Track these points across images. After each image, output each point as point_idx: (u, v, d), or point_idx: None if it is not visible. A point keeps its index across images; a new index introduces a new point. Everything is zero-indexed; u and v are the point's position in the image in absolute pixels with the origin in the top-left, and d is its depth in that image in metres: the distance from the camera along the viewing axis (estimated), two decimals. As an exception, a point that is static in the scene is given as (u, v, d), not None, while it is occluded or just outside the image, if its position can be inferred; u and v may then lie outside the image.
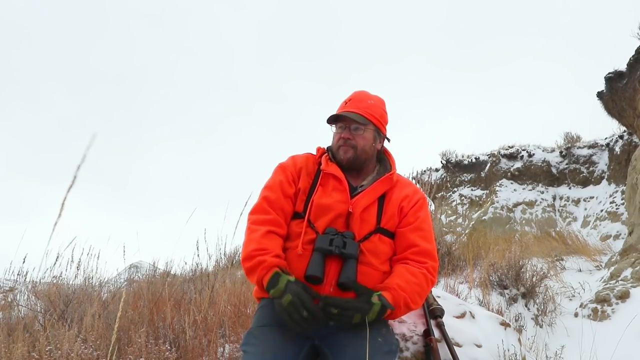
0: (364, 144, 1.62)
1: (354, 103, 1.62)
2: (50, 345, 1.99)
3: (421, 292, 1.48)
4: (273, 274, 1.38)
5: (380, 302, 1.36)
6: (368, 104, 1.63)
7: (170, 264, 4.30)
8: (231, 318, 2.59)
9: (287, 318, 1.31)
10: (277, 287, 1.35)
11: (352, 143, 1.60)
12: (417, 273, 1.48)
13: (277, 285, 1.35)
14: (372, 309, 1.35)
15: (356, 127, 1.60)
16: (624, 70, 6.33)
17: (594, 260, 5.44)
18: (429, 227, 1.60)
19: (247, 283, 3.77)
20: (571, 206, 10.88)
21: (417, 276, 1.48)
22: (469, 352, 1.74)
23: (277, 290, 1.35)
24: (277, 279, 1.36)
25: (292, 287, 1.34)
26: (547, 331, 3.44)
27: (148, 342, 2.10)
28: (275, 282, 1.36)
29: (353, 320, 1.33)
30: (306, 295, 1.33)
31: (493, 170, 12.14)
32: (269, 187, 1.60)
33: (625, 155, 9.65)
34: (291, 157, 1.70)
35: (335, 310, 1.32)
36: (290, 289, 1.33)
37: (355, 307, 1.34)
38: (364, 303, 1.35)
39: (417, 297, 1.46)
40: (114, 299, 3.00)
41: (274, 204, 1.55)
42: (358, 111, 1.60)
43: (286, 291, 1.33)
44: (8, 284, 3.60)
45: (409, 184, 1.70)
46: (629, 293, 3.59)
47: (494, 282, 3.97)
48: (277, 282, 1.36)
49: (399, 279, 1.45)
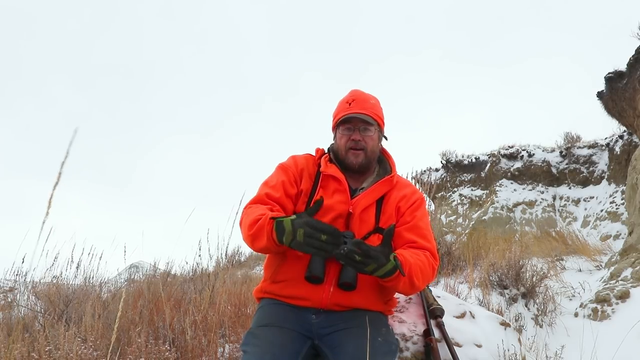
0: (373, 145, 1.61)
1: (359, 104, 1.60)
2: (50, 345, 1.99)
3: (424, 269, 1.44)
4: (276, 223, 1.32)
5: (394, 262, 1.31)
6: (371, 104, 1.63)
7: (170, 264, 4.30)
8: (231, 318, 2.58)
9: (315, 252, 1.25)
10: (286, 231, 1.29)
11: (362, 145, 1.59)
12: (419, 253, 1.47)
13: (285, 230, 1.29)
14: (386, 265, 1.29)
15: (365, 128, 1.60)
16: (624, 70, 6.32)
17: (594, 260, 5.44)
18: (426, 226, 1.59)
19: (247, 283, 3.77)
20: (571, 206, 10.88)
21: (418, 255, 1.46)
22: (469, 352, 1.74)
23: (287, 233, 1.29)
24: (282, 225, 1.30)
25: (298, 222, 1.28)
26: (547, 331, 3.43)
27: (148, 342, 2.10)
28: (282, 228, 1.30)
29: (366, 267, 1.28)
30: (314, 220, 1.27)
31: (493, 170, 12.14)
32: (271, 185, 1.58)
33: (625, 155, 9.65)
34: (292, 157, 1.70)
35: (359, 258, 1.25)
36: (298, 223, 1.27)
37: (376, 256, 1.27)
38: (384, 256, 1.29)
39: (420, 273, 1.42)
40: (114, 299, 3.00)
41: (277, 200, 1.54)
42: (365, 112, 1.58)
43: (295, 228, 1.27)
44: (8, 284, 3.60)
45: (408, 184, 1.70)
46: (629, 293, 3.59)
47: (494, 282, 3.97)
48: (284, 227, 1.30)
49: (402, 251, 1.42)
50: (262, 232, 1.36)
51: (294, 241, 1.27)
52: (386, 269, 1.29)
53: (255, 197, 1.57)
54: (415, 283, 1.40)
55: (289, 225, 1.29)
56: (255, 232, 1.39)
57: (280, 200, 1.54)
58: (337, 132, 1.64)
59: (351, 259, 1.25)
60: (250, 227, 1.40)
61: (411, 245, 1.51)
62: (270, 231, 1.33)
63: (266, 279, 1.58)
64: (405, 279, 1.36)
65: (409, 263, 1.38)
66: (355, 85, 1.55)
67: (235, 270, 7.44)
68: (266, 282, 1.57)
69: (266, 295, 1.57)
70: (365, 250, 1.26)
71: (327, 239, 1.24)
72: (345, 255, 1.25)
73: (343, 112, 1.60)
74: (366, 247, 1.26)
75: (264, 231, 1.36)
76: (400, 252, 1.40)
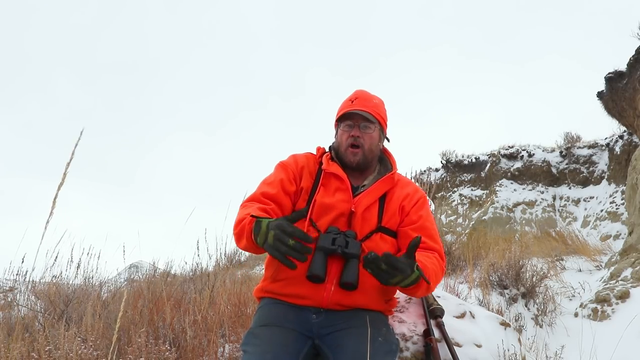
0: (371, 143, 1.62)
1: (361, 102, 1.61)
2: (50, 345, 1.99)
3: (437, 272, 1.44)
4: (255, 223, 1.29)
5: (418, 272, 1.29)
6: (374, 103, 1.63)
7: (170, 264, 4.30)
8: (231, 318, 2.58)
9: (280, 256, 1.21)
10: (261, 232, 1.26)
11: (360, 142, 1.59)
12: (430, 256, 1.48)
13: (260, 230, 1.26)
14: (411, 276, 1.28)
15: (365, 126, 1.60)
16: (624, 70, 6.32)
17: (594, 260, 5.44)
18: (433, 226, 1.60)
19: (247, 283, 3.77)
20: (571, 206, 10.88)
21: (430, 258, 1.47)
22: (469, 352, 1.74)
23: (261, 234, 1.25)
24: (259, 225, 1.27)
25: (273, 224, 1.24)
26: (547, 331, 3.43)
27: (148, 342, 2.10)
28: (258, 229, 1.27)
29: (392, 280, 1.26)
30: (287, 223, 1.22)
31: (493, 170, 12.14)
32: (268, 183, 1.59)
33: (625, 155, 9.65)
34: (292, 155, 1.70)
35: (384, 267, 1.23)
36: (272, 225, 1.24)
37: (402, 268, 1.25)
38: (409, 268, 1.28)
39: (434, 276, 1.42)
40: (114, 298, 3.00)
41: (272, 197, 1.54)
42: (367, 109, 1.59)
43: (268, 230, 1.24)
44: (8, 283, 3.60)
45: (409, 183, 1.71)
46: (629, 293, 3.59)
47: (494, 282, 3.97)
48: (260, 227, 1.26)
49: (420, 257, 1.41)
50: (244, 231, 1.36)
51: (266, 243, 1.25)
52: (411, 279, 1.29)
53: (252, 195, 1.57)
54: (431, 287, 1.43)
55: (264, 226, 1.26)
56: (239, 231, 1.40)
57: (276, 197, 1.54)
58: (339, 129, 1.65)
59: (378, 267, 1.24)
60: (236, 226, 1.42)
61: (420, 247, 1.52)
62: (250, 231, 1.32)
63: (266, 277, 1.58)
64: (424, 284, 1.36)
65: (427, 269, 1.39)
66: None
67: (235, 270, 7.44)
68: (266, 281, 1.57)
69: (266, 294, 1.57)
70: (393, 262, 1.24)
71: (294, 244, 1.19)
72: (372, 262, 1.24)
73: (346, 108, 1.61)
74: (394, 260, 1.24)
75: (244, 230, 1.36)
76: (419, 259, 1.39)
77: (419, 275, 1.30)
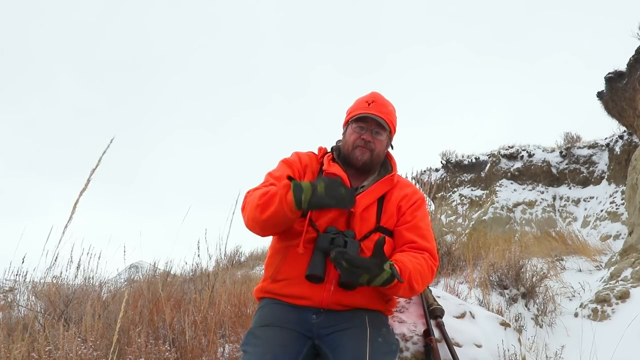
0: (380, 149, 1.63)
1: (378, 107, 1.61)
2: (50, 345, 1.99)
3: (423, 273, 1.43)
4: (294, 185, 1.34)
5: (390, 270, 1.30)
6: (389, 109, 1.64)
7: (170, 264, 4.29)
8: (231, 318, 2.58)
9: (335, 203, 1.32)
10: (305, 189, 1.33)
11: (371, 146, 1.60)
12: (418, 256, 1.47)
13: (303, 188, 1.33)
14: (381, 274, 1.29)
15: (377, 132, 1.61)
16: (624, 70, 6.32)
17: (594, 260, 5.44)
18: (426, 226, 1.60)
19: (247, 283, 3.77)
20: (571, 206, 10.88)
21: (417, 258, 1.46)
22: (469, 352, 1.74)
23: (306, 190, 1.33)
24: (300, 186, 1.34)
25: (316, 181, 1.34)
26: (547, 331, 3.43)
27: (148, 342, 2.10)
28: (300, 188, 1.33)
29: (360, 279, 1.28)
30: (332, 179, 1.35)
31: (493, 170, 12.14)
32: (276, 176, 1.59)
33: (625, 155, 9.65)
34: (295, 153, 1.71)
35: (345, 265, 1.25)
36: (316, 182, 1.34)
37: (366, 266, 1.27)
38: (376, 266, 1.28)
39: (419, 277, 1.42)
40: (114, 299, 3.00)
41: None
42: (382, 116, 1.59)
43: (315, 184, 1.33)
44: (8, 284, 3.60)
45: (408, 184, 1.71)
46: (629, 293, 3.59)
47: (494, 282, 3.97)
48: (302, 187, 1.33)
49: (401, 256, 1.43)
50: (274, 198, 1.38)
51: (314, 195, 1.32)
52: (382, 278, 1.29)
53: (261, 184, 1.58)
54: (415, 287, 1.41)
55: (307, 184, 1.33)
56: (266, 200, 1.41)
57: None
58: (349, 129, 1.64)
59: (339, 264, 1.26)
60: (261, 198, 1.42)
61: (411, 246, 1.51)
62: (285, 194, 1.35)
63: (266, 278, 1.58)
64: (404, 285, 1.36)
65: (407, 269, 1.38)
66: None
67: (235, 270, 7.44)
68: (266, 281, 1.57)
69: (266, 295, 1.57)
70: (350, 259, 1.26)
71: (346, 195, 1.32)
72: (334, 260, 1.27)
73: (361, 110, 1.60)
74: (351, 257, 1.27)
75: (276, 196, 1.38)
76: (399, 258, 1.41)
77: (392, 273, 1.30)
